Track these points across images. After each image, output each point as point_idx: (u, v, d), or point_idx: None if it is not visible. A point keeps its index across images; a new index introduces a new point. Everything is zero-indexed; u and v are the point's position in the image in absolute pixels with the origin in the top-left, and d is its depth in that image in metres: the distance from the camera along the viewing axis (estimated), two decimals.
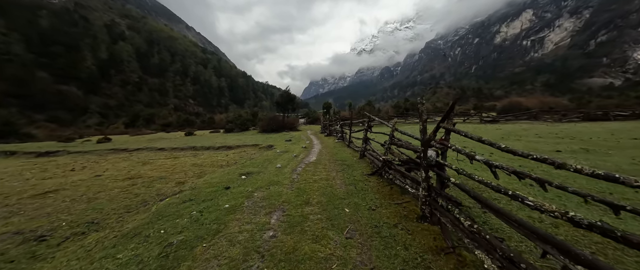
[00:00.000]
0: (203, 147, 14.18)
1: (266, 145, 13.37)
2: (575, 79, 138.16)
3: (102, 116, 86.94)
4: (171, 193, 5.52)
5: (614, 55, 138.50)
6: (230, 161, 9.81)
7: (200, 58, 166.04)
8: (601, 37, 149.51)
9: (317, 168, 6.59)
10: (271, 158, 8.68)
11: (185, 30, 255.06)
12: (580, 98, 37.85)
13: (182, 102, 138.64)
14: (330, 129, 16.83)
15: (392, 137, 5.30)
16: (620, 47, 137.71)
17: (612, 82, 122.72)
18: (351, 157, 8.03)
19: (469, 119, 27.05)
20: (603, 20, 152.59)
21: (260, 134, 22.92)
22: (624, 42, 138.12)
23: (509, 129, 16.10)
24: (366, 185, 4.91)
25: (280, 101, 28.47)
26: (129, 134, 32.62)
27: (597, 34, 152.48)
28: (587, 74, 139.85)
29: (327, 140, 14.03)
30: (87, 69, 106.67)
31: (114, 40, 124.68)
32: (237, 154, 11.54)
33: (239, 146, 13.88)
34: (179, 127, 39.37)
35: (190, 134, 24.50)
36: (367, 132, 7.48)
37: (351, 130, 10.00)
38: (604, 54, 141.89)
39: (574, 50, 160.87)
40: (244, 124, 26.86)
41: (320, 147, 10.87)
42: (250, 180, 5.59)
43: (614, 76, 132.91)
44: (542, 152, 7.74)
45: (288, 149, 11.05)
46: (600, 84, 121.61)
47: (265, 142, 15.20)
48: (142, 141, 20.89)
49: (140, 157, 12.06)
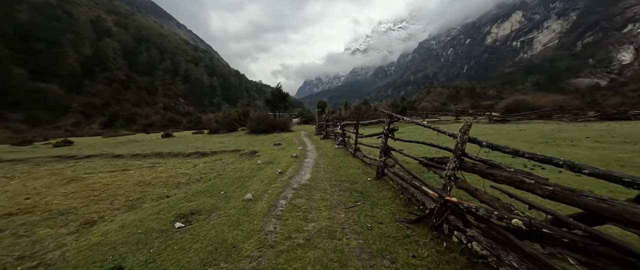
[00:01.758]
0: (171, 153, 11.44)
1: (249, 152, 10.73)
2: (563, 79, 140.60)
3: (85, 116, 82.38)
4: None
5: (600, 56, 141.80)
6: (191, 177, 7.15)
7: (191, 56, 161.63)
8: (587, 39, 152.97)
9: (313, 199, 4.03)
10: (246, 176, 6.07)
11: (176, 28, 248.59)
12: (582, 97, 36.47)
13: (172, 101, 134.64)
14: (326, 130, 14.23)
15: (463, 156, 2.65)
16: (605, 49, 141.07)
17: (598, 83, 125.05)
18: (362, 175, 5.50)
19: (477, 118, 24.83)
20: (589, 22, 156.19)
21: (247, 136, 20.25)
22: (608, 44, 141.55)
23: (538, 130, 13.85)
24: (414, 251, 2.40)
25: (272, 99, 25.72)
26: (103, 135, 29.34)
27: (583, 35, 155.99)
28: (574, 74, 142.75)
29: (324, 144, 11.45)
30: (69, 66, 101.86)
31: (99, 36, 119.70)
32: (207, 165, 8.87)
33: (215, 152, 11.20)
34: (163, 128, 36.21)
35: (168, 136, 21.52)
36: (387, 138, 4.96)
37: (358, 135, 7.43)
38: (590, 55, 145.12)
39: (562, 51, 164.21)
40: (231, 124, 24.01)
41: (316, 156, 8.31)
42: (184, 239, 2.98)
43: (599, 77, 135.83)
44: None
45: (274, 158, 8.45)
46: (587, 84, 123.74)
47: (249, 146, 12.55)
48: (109, 145, 17.94)
49: (79, 168, 9.27)
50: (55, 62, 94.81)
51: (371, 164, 6.20)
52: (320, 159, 7.62)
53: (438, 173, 3.08)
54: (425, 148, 7.04)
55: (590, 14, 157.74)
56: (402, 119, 4.67)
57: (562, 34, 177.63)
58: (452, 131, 2.79)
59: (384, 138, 4.97)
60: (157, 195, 5.67)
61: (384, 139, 4.98)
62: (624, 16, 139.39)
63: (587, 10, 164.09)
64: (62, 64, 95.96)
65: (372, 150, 8.01)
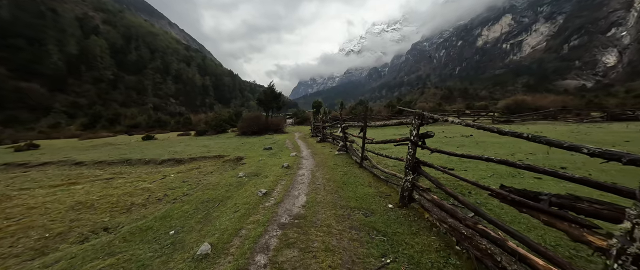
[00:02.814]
0: (142, 160, 9.70)
1: (234, 158, 9.09)
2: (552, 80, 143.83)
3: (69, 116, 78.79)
4: None
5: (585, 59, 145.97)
6: (152, 196, 5.50)
7: (183, 55, 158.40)
8: (573, 42, 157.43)
9: (310, 249, 2.48)
10: (219, 198, 4.47)
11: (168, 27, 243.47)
12: (581, 97, 36.07)
13: (163, 101, 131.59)
14: (323, 132, 12.65)
15: None
16: (591, 51, 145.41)
17: (585, 84, 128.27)
18: (378, 198, 3.97)
19: (479, 118, 23.70)
20: (575, 26, 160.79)
21: (237, 138, 18.59)
22: (594, 47, 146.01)
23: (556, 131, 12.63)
24: None
25: (264, 99, 23.98)
26: (81, 137, 26.93)
27: (569, 38, 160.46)
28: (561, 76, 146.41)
29: (321, 149, 9.89)
30: (52, 65, 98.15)
31: (86, 34, 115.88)
32: (179, 177, 7.22)
33: (194, 159, 9.52)
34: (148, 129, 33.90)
35: (149, 138, 19.50)
36: (416, 147, 3.45)
37: (366, 140, 5.88)
38: (576, 57, 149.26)
39: (549, 54, 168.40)
40: (220, 125, 22.19)
41: (312, 165, 6.76)
42: None
43: (585, 78, 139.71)
44: None
45: (261, 168, 6.86)
46: (573, 85, 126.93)
47: (236, 151, 10.90)
48: (79, 149, 15.96)
49: (18, 181, 7.46)
50: (37, 60, 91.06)
51: (387, 181, 4.67)
52: (318, 171, 6.06)
53: (554, 224, 1.58)
54: (482, 165, 5.45)
55: (576, 17, 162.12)
56: (441, 119, 3.15)
57: (550, 37, 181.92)
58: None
59: (412, 147, 3.46)
60: (91, 226, 4.03)
61: (411, 149, 3.46)
62: (608, 20, 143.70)
63: (573, 14, 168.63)
64: (45, 63, 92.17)
65: (382, 160, 6.49)
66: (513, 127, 18.30)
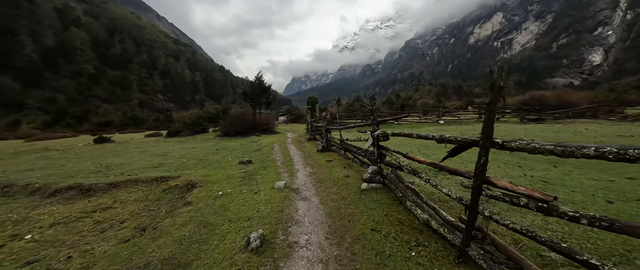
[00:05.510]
0: (28, 187, 6.51)
1: (183, 184, 5.89)
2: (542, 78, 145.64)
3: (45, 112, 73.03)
4: None
5: (573, 57, 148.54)
6: None
7: (171, 49, 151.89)
8: (562, 40, 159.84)
9: None
10: None
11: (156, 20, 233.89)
12: (608, 92, 33.27)
13: (150, 97, 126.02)
14: (326, 137, 9.43)
15: None
16: (578, 50, 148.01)
17: (572, 82, 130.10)
18: None
19: (502, 117, 20.92)
20: (563, 25, 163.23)
21: (215, 140, 15.69)
22: (581, 45, 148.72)
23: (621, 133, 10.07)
24: None
25: (250, 93, 20.89)
26: (28, 139, 22.26)
27: (558, 37, 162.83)
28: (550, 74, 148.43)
29: (328, 168, 6.35)
30: (26, 57, 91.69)
31: (66, 26, 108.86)
32: (23, 252, 4.04)
33: (114, 186, 6.18)
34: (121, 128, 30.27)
35: (102, 141, 15.84)
36: None
37: (401, 155, 2.81)
38: (565, 56, 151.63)
39: (539, 52, 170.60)
40: (199, 124, 19.14)
41: (319, 219, 3.27)
42: None
43: (572, 76, 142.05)
44: None
45: (214, 221, 3.68)
46: (562, 83, 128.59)
47: (198, 165, 7.75)
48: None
49: None
50: (8, 52, 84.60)
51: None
52: (327, 223, 3.11)
53: None
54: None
55: (565, 16, 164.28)
56: None
57: (539, 35, 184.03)
58: None
59: None
60: None
61: None
62: (595, 19, 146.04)
63: (561, 12, 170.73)
64: (17, 55, 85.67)
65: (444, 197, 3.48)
66: (557, 126, 15.29)
